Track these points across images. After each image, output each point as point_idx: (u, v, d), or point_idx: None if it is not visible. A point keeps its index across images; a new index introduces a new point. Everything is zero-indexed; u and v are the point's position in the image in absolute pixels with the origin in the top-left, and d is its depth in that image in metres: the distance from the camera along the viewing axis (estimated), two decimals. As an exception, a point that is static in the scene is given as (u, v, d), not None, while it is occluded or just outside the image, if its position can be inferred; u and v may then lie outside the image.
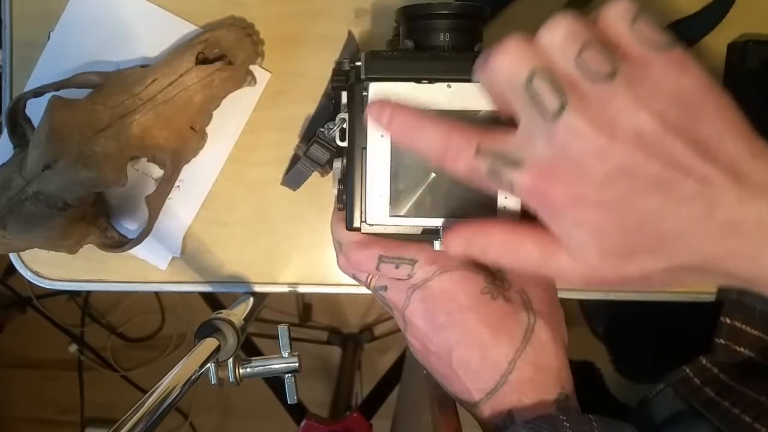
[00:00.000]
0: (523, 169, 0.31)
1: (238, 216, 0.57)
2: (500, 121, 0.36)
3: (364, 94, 0.39)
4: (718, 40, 0.53)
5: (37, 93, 0.51)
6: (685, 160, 0.29)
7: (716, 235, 0.30)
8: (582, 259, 0.32)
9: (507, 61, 0.31)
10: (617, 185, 0.30)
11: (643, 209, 0.30)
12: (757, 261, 0.30)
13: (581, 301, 1.00)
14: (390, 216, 0.40)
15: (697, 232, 0.30)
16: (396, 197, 0.40)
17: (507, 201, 0.40)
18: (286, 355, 0.50)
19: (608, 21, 0.31)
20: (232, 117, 0.56)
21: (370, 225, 0.41)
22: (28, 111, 0.52)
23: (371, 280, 0.44)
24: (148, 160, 0.54)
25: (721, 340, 0.50)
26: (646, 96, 0.29)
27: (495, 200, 0.40)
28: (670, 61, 0.30)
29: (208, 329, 0.46)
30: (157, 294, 1.52)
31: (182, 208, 0.57)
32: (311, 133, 0.54)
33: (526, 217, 0.39)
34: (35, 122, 0.50)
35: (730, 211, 0.29)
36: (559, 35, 0.30)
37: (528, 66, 0.30)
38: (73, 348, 1.53)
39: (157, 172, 0.56)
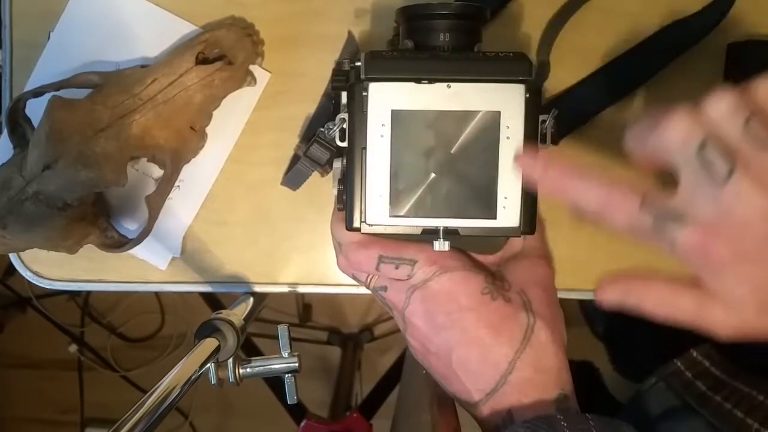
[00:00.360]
0: (687, 226, 0.32)
1: (238, 216, 0.57)
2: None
3: (364, 94, 0.40)
4: (718, 40, 0.53)
5: (37, 93, 0.51)
6: None
7: None
8: (738, 313, 0.33)
9: (681, 129, 0.32)
10: None
11: None
12: None
13: (581, 302, 1.00)
14: (390, 216, 0.40)
15: None
16: (396, 197, 0.40)
17: (506, 202, 0.40)
18: (286, 355, 0.50)
19: (760, 93, 0.32)
20: (232, 117, 0.56)
21: (370, 225, 0.41)
22: (28, 111, 0.52)
23: (371, 280, 0.44)
24: (148, 160, 0.54)
25: None
26: None
27: (495, 201, 0.40)
28: None
29: (208, 329, 0.46)
30: (157, 294, 1.52)
31: (182, 208, 0.57)
32: (311, 133, 0.54)
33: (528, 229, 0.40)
34: (35, 122, 0.50)
35: None
36: (725, 107, 0.32)
37: (701, 133, 0.32)
38: (73, 348, 1.53)
39: (157, 172, 0.56)
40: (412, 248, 0.42)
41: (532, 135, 0.40)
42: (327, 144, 0.47)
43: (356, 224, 0.41)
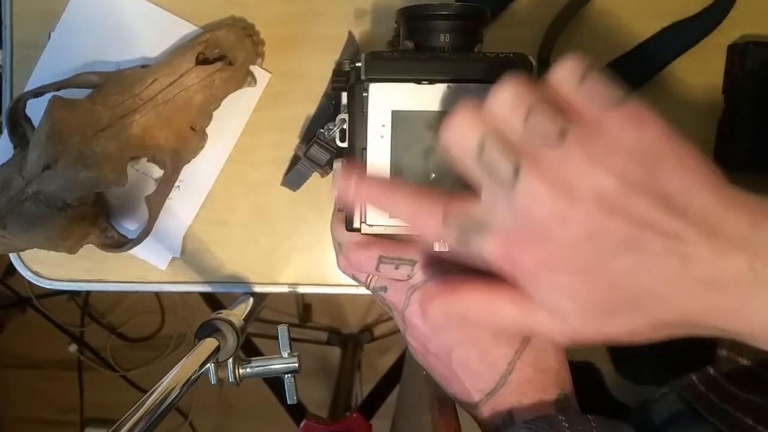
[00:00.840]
0: (490, 236, 0.31)
1: (238, 216, 0.57)
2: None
3: (365, 94, 0.39)
4: (718, 41, 0.53)
5: (37, 93, 0.51)
6: (652, 217, 0.28)
7: (695, 292, 0.29)
8: (562, 320, 0.31)
9: (457, 131, 0.30)
10: (585, 249, 0.29)
11: (615, 270, 0.29)
12: (740, 316, 0.29)
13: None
14: (390, 216, 0.40)
15: (674, 288, 0.29)
16: (396, 198, 0.40)
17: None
18: (286, 355, 0.50)
19: (556, 82, 0.30)
20: (232, 117, 0.56)
21: (370, 225, 0.41)
22: (28, 111, 0.52)
23: (371, 280, 0.44)
24: (148, 160, 0.54)
25: (724, 352, 0.50)
26: (603, 154, 0.28)
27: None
28: (624, 117, 0.29)
29: (208, 329, 0.46)
30: (157, 294, 1.52)
31: (182, 208, 0.57)
32: (311, 133, 0.54)
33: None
34: (35, 122, 0.50)
35: (706, 267, 0.28)
36: (505, 100, 0.30)
37: (477, 134, 0.30)
38: (73, 348, 1.53)
39: (157, 172, 0.56)
40: (412, 248, 0.42)
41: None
42: (327, 145, 0.47)
43: (356, 225, 0.41)
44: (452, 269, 0.41)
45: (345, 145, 0.41)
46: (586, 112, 0.29)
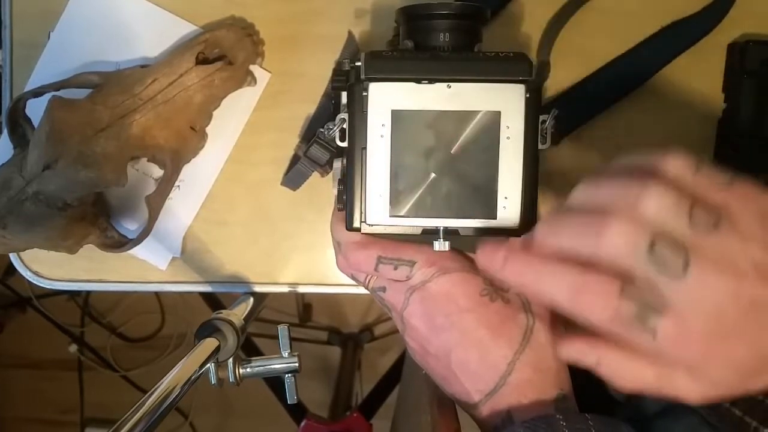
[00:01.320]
0: (666, 315, 0.31)
1: (238, 216, 0.57)
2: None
3: (364, 94, 0.39)
4: (718, 41, 0.53)
5: (37, 93, 0.51)
6: None
7: None
8: (703, 380, 0.32)
9: (623, 236, 0.31)
10: (751, 317, 0.30)
11: None
12: None
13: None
14: (390, 216, 0.40)
15: None
16: (396, 197, 0.40)
17: (506, 202, 0.40)
18: (286, 355, 0.50)
19: (675, 172, 0.32)
20: (232, 117, 0.56)
21: (369, 225, 0.41)
22: (28, 111, 0.52)
23: (370, 280, 0.44)
24: (148, 160, 0.54)
25: None
26: (744, 230, 0.31)
27: (495, 201, 0.40)
28: (742, 194, 0.31)
29: (208, 329, 0.46)
30: (157, 294, 1.52)
31: (182, 208, 0.57)
32: (311, 133, 0.54)
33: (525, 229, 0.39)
34: (35, 122, 0.50)
35: None
36: (667, 202, 0.31)
37: (647, 236, 0.31)
38: (73, 348, 1.53)
39: (157, 172, 0.56)
40: (411, 249, 0.42)
41: (532, 135, 0.40)
42: (327, 144, 0.47)
43: (356, 224, 0.41)
44: (451, 270, 0.41)
45: (345, 144, 0.41)
46: (714, 197, 0.32)
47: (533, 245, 0.33)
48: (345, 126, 0.41)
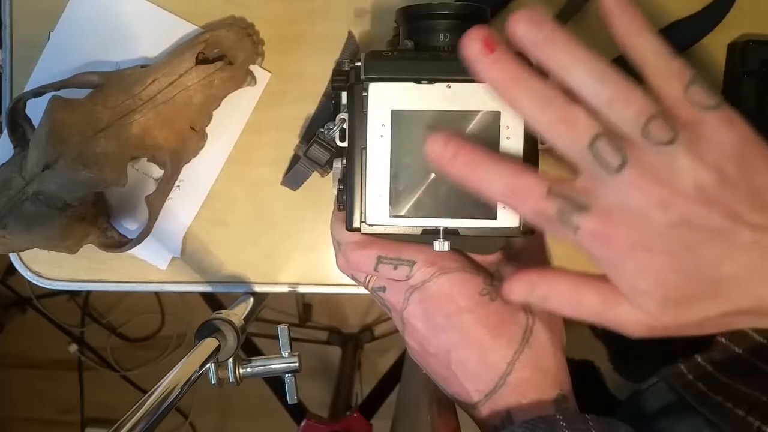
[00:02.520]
0: (589, 214, 0.32)
1: (238, 216, 0.57)
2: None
3: (364, 94, 0.39)
4: (718, 40, 0.53)
5: (37, 93, 0.51)
6: (742, 210, 0.31)
7: None
8: (643, 306, 0.33)
9: (574, 124, 0.32)
10: (679, 234, 0.31)
11: (703, 257, 0.32)
12: None
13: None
14: (390, 216, 0.40)
15: (754, 277, 0.32)
16: (396, 197, 0.40)
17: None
18: (286, 355, 0.50)
19: (666, 88, 0.33)
20: (232, 117, 0.56)
21: (369, 225, 0.41)
22: (28, 111, 0.52)
23: (369, 280, 0.44)
24: (148, 160, 0.54)
25: (723, 339, 0.50)
26: (703, 153, 0.31)
27: (495, 202, 0.40)
28: (720, 120, 0.32)
29: (208, 329, 0.46)
30: (157, 294, 1.52)
31: (182, 208, 0.57)
32: (311, 133, 0.54)
33: (528, 232, 0.40)
34: (35, 122, 0.50)
35: None
36: (630, 107, 0.32)
37: (593, 130, 0.32)
38: (73, 348, 1.53)
39: (157, 172, 0.56)
40: (411, 249, 0.42)
41: (532, 135, 0.40)
42: (327, 144, 0.47)
43: (356, 224, 0.41)
44: (451, 270, 0.41)
45: (345, 144, 0.41)
46: (688, 115, 0.33)
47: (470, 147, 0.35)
48: (345, 126, 0.41)
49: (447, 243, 0.40)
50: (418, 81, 0.39)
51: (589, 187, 0.33)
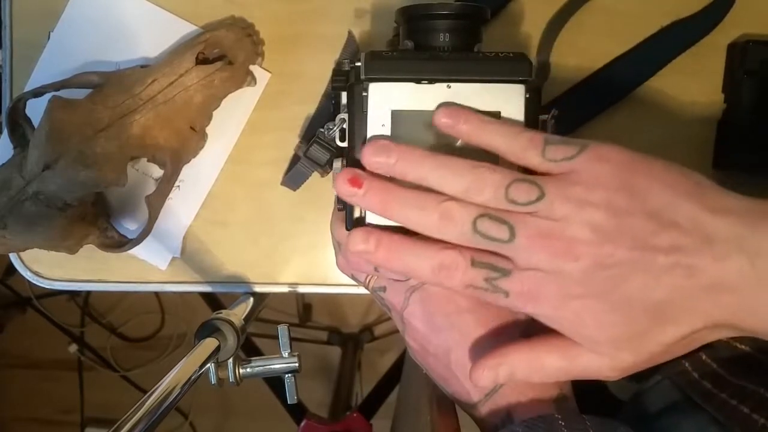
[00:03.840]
0: (512, 277, 0.34)
1: (238, 216, 0.57)
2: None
3: (364, 94, 0.39)
4: (718, 40, 0.53)
5: (37, 93, 0.51)
6: (647, 235, 0.31)
7: (707, 297, 0.31)
8: (600, 351, 0.34)
9: (450, 218, 0.34)
10: (597, 277, 0.32)
11: (629, 291, 0.32)
12: (753, 314, 0.31)
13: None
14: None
15: (688, 297, 0.31)
16: (396, 197, 0.40)
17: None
18: (286, 355, 0.50)
19: (525, 159, 0.35)
20: (232, 117, 0.56)
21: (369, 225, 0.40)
22: (28, 111, 0.52)
23: (370, 280, 0.44)
24: (148, 160, 0.54)
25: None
26: (583, 195, 0.32)
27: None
28: (588, 160, 0.33)
29: (208, 329, 0.46)
30: (157, 294, 1.52)
31: (182, 208, 0.57)
32: (311, 133, 0.54)
33: None
34: (35, 122, 0.50)
35: (710, 272, 0.31)
36: (487, 185, 0.34)
37: (471, 216, 0.34)
38: (73, 348, 1.53)
39: (157, 172, 0.56)
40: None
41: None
42: (327, 144, 0.47)
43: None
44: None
45: (345, 144, 0.41)
46: (557, 170, 0.34)
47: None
48: (345, 126, 0.41)
49: (447, 243, 0.40)
50: (418, 81, 0.39)
51: (503, 254, 0.34)
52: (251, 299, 0.55)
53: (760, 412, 0.44)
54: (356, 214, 0.41)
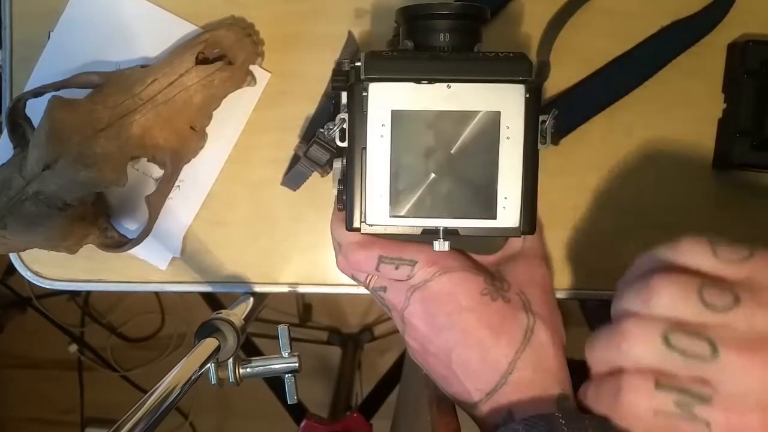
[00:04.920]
0: (713, 405, 0.30)
1: (238, 216, 0.57)
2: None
3: (364, 94, 0.39)
4: (718, 40, 0.53)
5: (37, 93, 0.51)
6: None
7: None
8: None
9: (638, 336, 0.31)
10: None
11: None
12: None
13: (581, 301, 1.00)
14: (390, 216, 0.40)
15: None
16: (396, 197, 0.40)
17: (506, 202, 0.40)
18: (286, 355, 0.50)
19: (694, 263, 0.31)
20: (232, 117, 0.56)
21: (369, 225, 0.41)
22: (28, 111, 0.52)
23: (370, 280, 0.44)
24: (148, 160, 0.54)
25: None
26: None
27: (495, 202, 0.40)
28: (764, 261, 0.30)
29: (208, 329, 0.46)
30: (157, 294, 1.52)
31: (182, 208, 0.57)
32: (311, 133, 0.54)
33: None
34: (35, 122, 0.50)
35: None
36: (670, 296, 0.31)
37: (660, 331, 0.31)
38: (73, 348, 1.53)
39: (157, 172, 0.56)
40: (412, 249, 0.42)
41: (532, 135, 0.40)
42: (327, 144, 0.47)
43: (356, 224, 0.41)
44: (452, 269, 0.41)
45: (345, 144, 0.41)
46: (732, 274, 0.31)
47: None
48: (345, 126, 0.41)
49: (447, 243, 0.40)
50: (418, 81, 0.39)
51: (700, 376, 0.30)
52: (251, 299, 0.55)
53: None
54: (356, 214, 0.41)
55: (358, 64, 0.40)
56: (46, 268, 0.58)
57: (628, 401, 0.31)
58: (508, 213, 0.40)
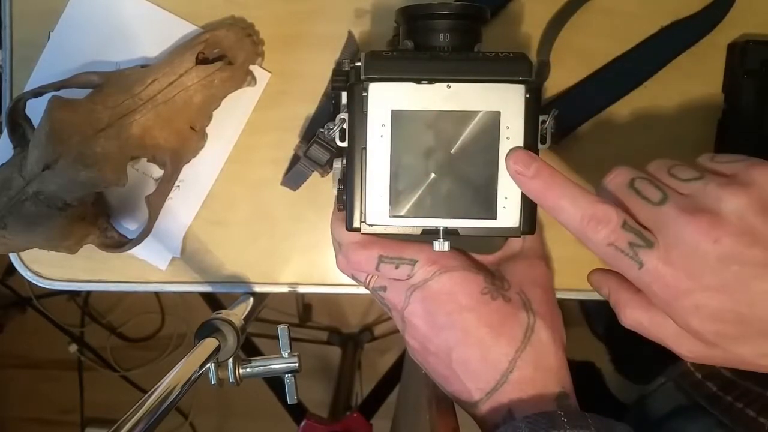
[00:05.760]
0: (653, 251, 0.34)
1: (238, 216, 0.57)
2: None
3: (364, 94, 0.39)
4: (718, 40, 0.53)
5: (37, 93, 0.51)
6: None
7: None
8: (698, 336, 0.34)
9: (618, 176, 0.37)
10: (730, 270, 0.32)
11: (755, 292, 0.32)
12: None
13: (581, 301, 1.00)
14: (390, 216, 0.40)
15: None
16: (396, 197, 0.40)
17: (506, 202, 0.40)
18: (286, 355, 0.50)
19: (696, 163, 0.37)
20: (232, 117, 0.56)
21: (369, 225, 0.41)
22: (28, 111, 0.52)
23: (370, 280, 0.44)
24: (148, 160, 0.54)
25: None
26: (740, 189, 0.33)
27: (495, 201, 0.40)
28: (753, 165, 0.34)
29: (208, 329, 0.46)
30: (157, 294, 1.52)
31: (182, 208, 0.57)
32: (311, 133, 0.54)
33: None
34: (35, 122, 0.50)
35: None
36: (658, 163, 0.37)
37: (632, 175, 0.36)
38: (73, 348, 1.53)
39: (157, 172, 0.56)
40: (412, 248, 0.42)
41: (532, 135, 0.40)
42: (327, 144, 0.47)
43: (356, 224, 0.41)
44: (452, 268, 0.41)
45: (345, 144, 0.41)
46: (711, 168, 0.36)
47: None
48: (345, 126, 0.41)
49: (447, 243, 0.40)
50: (418, 81, 0.39)
51: (652, 225, 0.34)
52: (251, 299, 0.55)
53: (766, 416, 0.44)
54: (356, 214, 0.41)
55: (358, 64, 0.40)
56: (46, 268, 0.58)
57: (594, 227, 0.35)
58: (508, 213, 0.40)
